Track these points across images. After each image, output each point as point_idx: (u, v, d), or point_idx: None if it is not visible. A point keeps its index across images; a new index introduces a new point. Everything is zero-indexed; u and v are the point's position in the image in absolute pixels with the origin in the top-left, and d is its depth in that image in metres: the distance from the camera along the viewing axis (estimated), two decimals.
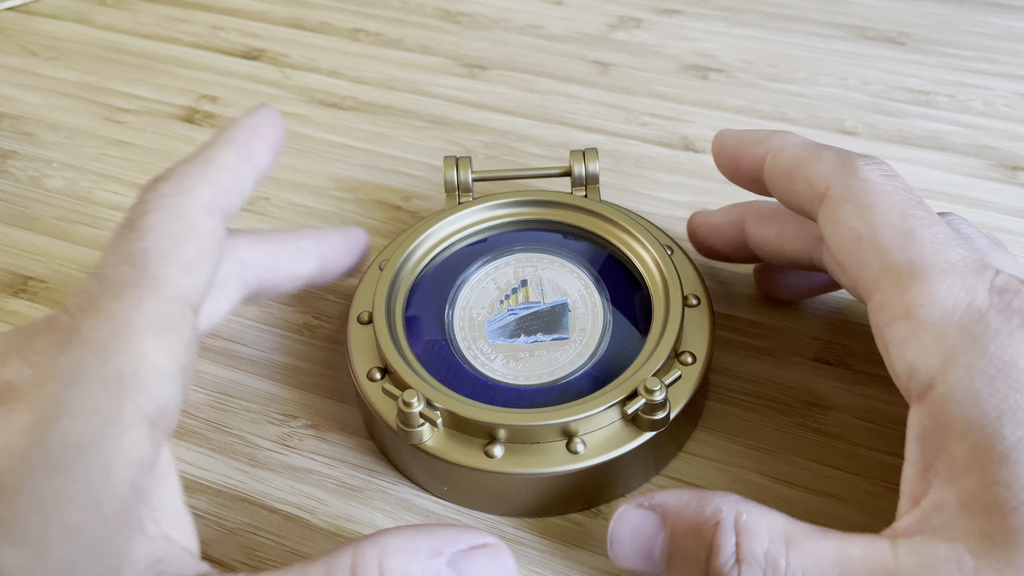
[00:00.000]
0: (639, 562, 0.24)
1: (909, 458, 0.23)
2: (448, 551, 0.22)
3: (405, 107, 0.44)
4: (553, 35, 0.49)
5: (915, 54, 0.46)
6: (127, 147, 0.43)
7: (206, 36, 0.50)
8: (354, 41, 0.49)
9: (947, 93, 0.43)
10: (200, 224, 0.23)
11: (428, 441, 0.27)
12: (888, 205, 0.24)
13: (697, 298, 0.30)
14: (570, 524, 0.27)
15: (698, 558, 0.22)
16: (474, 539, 0.23)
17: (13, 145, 0.43)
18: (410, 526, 0.22)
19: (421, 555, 0.22)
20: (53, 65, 0.48)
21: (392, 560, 0.21)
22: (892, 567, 0.21)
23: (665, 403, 0.26)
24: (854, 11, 0.49)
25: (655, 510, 0.24)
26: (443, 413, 0.26)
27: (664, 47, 0.47)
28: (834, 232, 0.25)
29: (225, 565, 0.27)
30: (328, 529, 0.27)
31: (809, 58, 0.46)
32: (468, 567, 0.22)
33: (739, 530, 0.22)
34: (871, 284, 0.24)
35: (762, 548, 0.22)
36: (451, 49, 0.48)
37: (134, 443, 0.20)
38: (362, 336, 0.29)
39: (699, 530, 0.23)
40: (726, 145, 0.29)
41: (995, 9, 0.49)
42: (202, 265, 0.23)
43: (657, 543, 0.24)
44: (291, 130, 0.43)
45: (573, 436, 0.26)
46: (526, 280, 0.31)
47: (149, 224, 0.23)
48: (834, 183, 0.25)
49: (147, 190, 0.24)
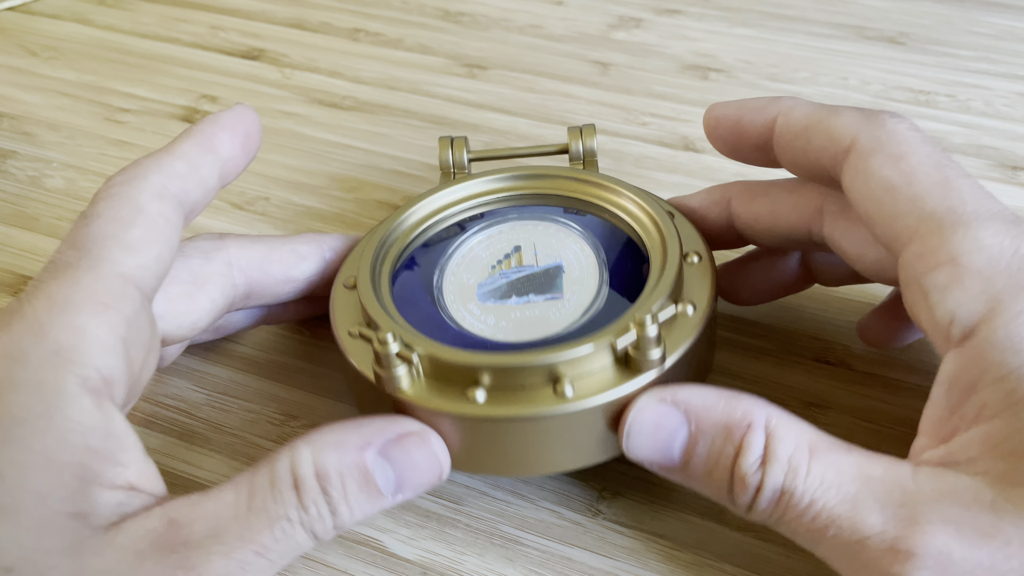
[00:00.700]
0: (656, 455, 0.24)
1: (935, 400, 0.23)
2: (377, 442, 0.23)
3: (405, 107, 0.44)
4: (553, 35, 0.49)
5: (915, 54, 0.46)
6: (127, 147, 0.43)
7: (206, 36, 0.50)
8: (354, 41, 0.49)
9: (947, 93, 0.43)
10: (148, 208, 0.24)
11: (407, 388, 0.25)
12: (921, 155, 0.24)
13: (699, 255, 0.28)
14: (570, 524, 0.27)
15: (724, 456, 0.23)
16: (401, 428, 0.24)
17: (13, 145, 0.43)
18: (341, 423, 0.24)
19: (352, 449, 0.23)
20: (53, 65, 0.48)
21: (325, 456, 0.23)
22: (911, 489, 0.21)
23: (659, 341, 0.24)
24: (854, 11, 0.49)
25: (678, 405, 0.23)
26: (423, 359, 0.25)
27: (664, 47, 0.47)
28: (863, 183, 0.24)
29: None
30: None
31: (809, 58, 0.46)
32: (398, 455, 0.24)
33: (769, 433, 0.22)
34: (905, 233, 0.23)
35: (787, 453, 0.22)
36: (451, 49, 0.48)
37: (81, 412, 0.22)
38: (346, 299, 0.28)
39: (729, 430, 0.23)
40: (725, 115, 0.28)
41: (995, 9, 0.49)
42: (149, 245, 0.24)
43: (678, 439, 0.23)
44: (291, 130, 0.43)
45: (560, 379, 0.24)
46: (520, 246, 0.30)
47: (97, 211, 0.24)
48: (861, 134, 0.24)
49: (104, 184, 0.25)
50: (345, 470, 0.23)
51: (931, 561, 0.20)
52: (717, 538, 0.27)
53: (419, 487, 0.24)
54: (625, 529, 0.27)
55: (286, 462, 0.23)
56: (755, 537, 0.27)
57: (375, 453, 0.23)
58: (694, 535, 0.27)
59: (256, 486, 0.22)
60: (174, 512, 0.22)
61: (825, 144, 0.25)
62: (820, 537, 0.22)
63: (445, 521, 0.28)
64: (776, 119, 0.27)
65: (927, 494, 0.21)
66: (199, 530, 0.22)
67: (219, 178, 0.27)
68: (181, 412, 0.31)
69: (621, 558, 0.26)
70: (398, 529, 0.27)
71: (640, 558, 0.26)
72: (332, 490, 0.23)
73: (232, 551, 0.22)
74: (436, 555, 0.27)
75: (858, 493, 0.21)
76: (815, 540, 0.22)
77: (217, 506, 0.22)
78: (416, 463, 0.24)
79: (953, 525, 0.20)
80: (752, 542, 0.27)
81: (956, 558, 0.20)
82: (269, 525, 0.22)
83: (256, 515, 0.22)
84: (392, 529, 0.27)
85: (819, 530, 0.22)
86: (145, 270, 0.24)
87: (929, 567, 0.20)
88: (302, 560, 0.27)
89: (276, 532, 0.22)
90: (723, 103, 0.28)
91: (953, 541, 0.20)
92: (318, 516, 0.22)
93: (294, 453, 0.23)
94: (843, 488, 0.21)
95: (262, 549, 0.22)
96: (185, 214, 0.26)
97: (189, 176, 0.26)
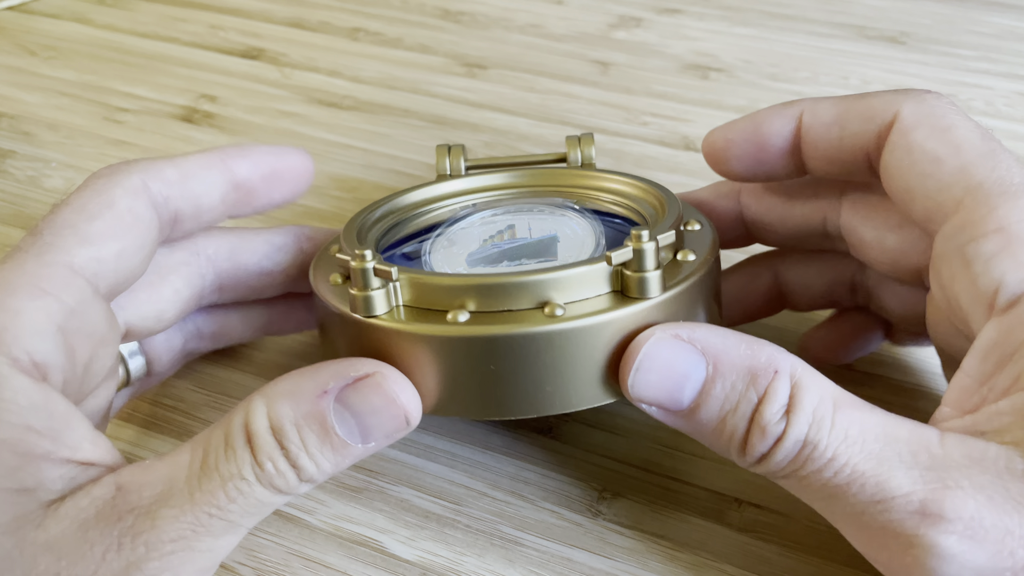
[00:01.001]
0: (663, 397, 0.22)
1: (966, 370, 0.22)
2: (333, 387, 0.22)
3: (405, 106, 0.44)
4: (553, 34, 0.49)
5: (916, 53, 0.46)
6: (126, 147, 0.42)
7: (205, 35, 0.50)
8: (354, 40, 0.49)
9: (948, 92, 0.43)
10: (118, 203, 0.24)
11: (384, 315, 0.23)
12: (966, 128, 0.23)
13: (699, 223, 0.27)
14: (570, 525, 0.27)
15: (746, 402, 0.22)
16: (357, 370, 0.23)
17: (12, 145, 0.43)
18: (296, 371, 0.23)
19: (306, 397, 0.22)
20: (52, 64, 0.48)
21: (279, 407, 0.22)
22: (939, 453, 0.21)
23: (656, 256, 0.23)
24: (855, 10, 0.49)
25: (696, 344, 0.22)
26: (402, 283, 0.23)
27: (665, 46, 0.47)
28: (905, 156, 0.24)
29: (224, 566, 0.26)
30: (327, 530, 0.27)
31: (810, 57, 0.46)
32: (354, 399, 0.22)
33: (795, 382, 0.21)
34: (950, 204, 0.23)
35: (812, 404, 0.21)
36: (451, 48, 0.48)
37: (15, 391, 0.21)
38: (326, 259, 0.27)
39: (753, 374, 0.22)
40: (736, 131, 0.27)
41: (996, 9, 0.49)
42: (108, 240, 0.23)
43: (692, 380, 0.22)
44: (290, 129, 0.43)
45: (550, 302, 0.23)
46: (514, 224, 0.29)
47: (68, 201, 0.24)
48: (904, 108, 0.24)
49: (89, 175, 0.25)
50: (301, 421, 0.22)
51: (961, 525, 0.20)
52: (718, 539, 0.27)
53: (388, 433, 0.23)
54: (625, 530, 0.27)
55: (240, 417, 0.22)
56: (756, 538, 0.27)
57: (331, 400, 0.22)
58: (695, 535, 0.27)
59: (210, 445, 0.22)
60: (123, 478, 0.21)
61: (863, 126, 0.25)
62: (839, 494, 0.21)
63: (445, 522, 0.28)
64: (800, 117, 0.26)
65: (956, 459, 0.20)
66: (148, 495, 0.21)
67: (223, 200, 0.26)
68: (181, 412, 0.31)
69: (621, 559, 0.26)
70: (398, 530, 0.27)
71: (640, 559, 0.26)
72: (289, 444, 0.22)
73: (182, 514, 0.21)
74: (436, 556, 0.27)
75: (883, 451, 0.21)
76: (831, 496, 0.21)
77: (170, 469, 0.22)
78: (375, 407, 0.23)
79: (984, 492, 0.20)
80: (752, 543, 0.27)
81: (987, 524, 0.20)
82: (222, 484, 0.21)
83: (208, 475, 0.21)
84: (392, 530, 0.27)
85: (840, 487, 0.21)
86: (100, 263, 0.23)
87: (959, 531, 0.20)
88: (301, 560, 0.27)
89: (230, 491, 0.21)
90: (722, 126, 0.27)
91: (984, 507, 0.20)
92: (276, 472, 0.22)
93: (249, 406, 0.22)
94: (868, 445, 0.21)
95: (216, 510, 0.21)
96: (166, 220, 0.25)
97: (177, 184, 0.25)
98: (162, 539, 0.21)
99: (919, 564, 0.20)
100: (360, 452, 0.23)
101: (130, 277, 0.25)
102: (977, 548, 0.20)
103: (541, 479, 0.29)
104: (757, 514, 0.27)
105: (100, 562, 0.21)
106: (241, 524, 0.22)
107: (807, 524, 0.27)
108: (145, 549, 0.21)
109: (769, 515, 0.27)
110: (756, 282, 0.30)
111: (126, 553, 0.21)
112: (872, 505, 0.21)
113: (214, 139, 0.43)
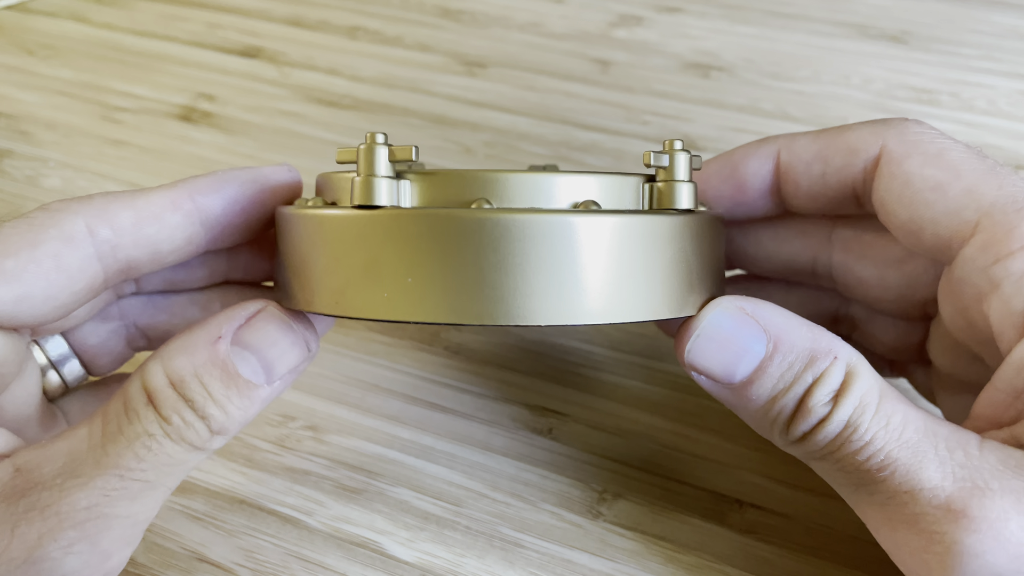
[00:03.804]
0: (718, 368, 0.22)
1: (998, 385, 0.22)
2: (227, 330, 0.22)
3: (404, 106, 0.44)
4: (553, 33, 0.48)
5: (918, 52, 0.46)
6: (124, 146, 0.42)
7: (203, 34, 0.50)
8: (352, 39, 0.49)
9: (950, 92, 0.43)
10: (43, 247, 0.22)
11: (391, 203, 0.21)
12: (957, 149, 0.23)
13: (707, 207, 0.25)
14: (570, 526, 0.27)
15: (801, 383, 0.21)
16: (247, 310, 0.22)
17: (9, 144, 0.43)
18: (187, 327, 0.22)
19: (201, 346, 0.22)
20: (50, 63, 0.48)
21: (175, 362, 0.21)
22: (975, 454, 0.21)
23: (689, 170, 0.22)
24: (856, 9, 0.49)
25: (759, 319, 0.22)
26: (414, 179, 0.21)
27: (665, 45, 0.47)
28: (904, 188, 0.23)
29: (223, 567, 0.26)
30: (326, 531, 0.27)
31: (811, 56, 0.46)
32: (251, 337, 0.22)
33: (850, 370, 0.21)
34: (965, 228, 0.22)
35: (861, 391, 0.21)
36: (451, 47, 0.48)
37: None
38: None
39: (813, 356, 0.22)
40: (715, 172, 0.26)
41: (998, 7, 0.48)
42: (12, 281, 0.22)
43: (750, 355, 0.22)
44: (289, 129, 0.43)
45: (579, 204, 0.21)
46: None
47: (3, 227, 0.22)
48: (888, 140, 0.24)
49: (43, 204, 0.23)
50: (201, 370, 0.21)
51: (985, 526, 0.20)
52: (719, 540, 0.27)
53: (292, 366, 0.23)
54: (626, 531, 0.27)
55: (137, 381, 0.22)
56: (757, 539, 0.27)
57: (227, 343, 0.22)
58: (695, 537, 0.27)
59: (109, 413, 0.21)
60: (21, 459, 0.21)
61: (847, 160, 0.24)
62: (870, 479, 0.21)
63: (444, 523, 0.27)
64: (777, 155, 0.25)
65: (991, 462, 0.20)
66: (49, 470, 0.21)
67: (189, 241, 0.24)
68: None
69: (622, 560, 0.26)
70: (397, 531, 0.27)
71: (641, 560, 0.26)
72: (192, 394, 0.21)
73: (90, 480, 0.21)
74: (435, 557, 0.27)
75: (921, 443, 0.21)
76: (862, 481, 0.21)
77: (69, 443, 0.21)
78: (274, 340, 0.22)
79: (1014, 496, 0.20)
80: (754, 544, 0.26)
81: (1013, 528, 0.20)
82: (128, 445, 0.21)
83: (111, 440, 0.21)
84: (391, 531, 0.27)
85: (872, 470, 0.21)
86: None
87: (983, 531, 0.20)
88: (299, 562, 0.26)
89: (138, 450, 0.21)
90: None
91: (1012, 511, 0.20)
92: (184, 424, 0.21)
93: (143, 369, 0.22)
94: (906, 435, 0.21)
95: (125, 471, 0.21)
96: (114, 269, 0.24)
97: (130, 231, 0.23)
98: (74, 507, 0.21)
99: (940, 561, 0.20)
100: (267, 394, 0.22)
101: (37, 319, 0.23)
102: (999, 550, 0.19)
103: (541, 480, 0.28)
104: (758, 515, 0.27)
105: (11, 537, 0.20)
106: (159, 483, 0.22)
107: (808, 525, 0.27)
108: (57, 519, 0.20)
109: (770, 516, 0.27)
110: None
111: (36, 525, 0.20)
112: (899, 495, 0.21)
113: (212, 138, 0.43)
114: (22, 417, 0.24)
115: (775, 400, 0.22)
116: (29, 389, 0.25)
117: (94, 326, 0.27)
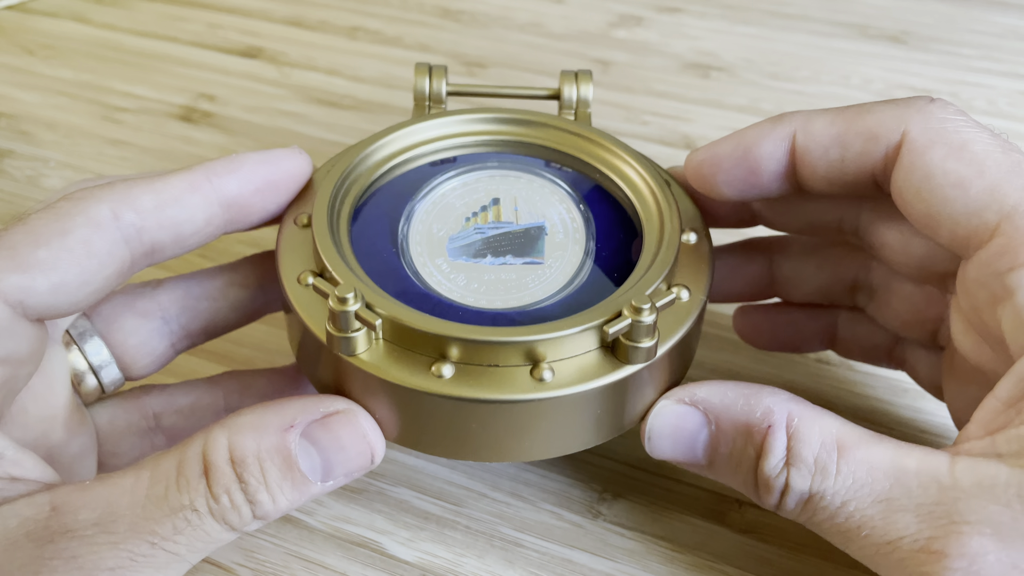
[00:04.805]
0: (680, 455, 0.23)
1: (998, 394, 0.22)
2: (300, 422, 0.22)
3: (404, 105, 0.44)
4: (553, 33, 0.48)
5: (917, 52, 0.46)
6: (124, 146, 0.42)
7: (204, 34, 0.50)
8: (353, 39, 0.49)
9: (950, 92, 0.43)
10: (73, 234, 0.22)
11: (363, 354, 0.22)
12: (983, 141, 0.22)
13: (696, 232, 0.25)
14: (570, 526, 0.27)
15: (746, 458, 0.22)
16: (327, 407, 0.22)
17: (10, 144, 0.43)
18: (262, 404, 0.22)
19: (271, 431, 0.21)
20: (50, 64, 0.48)
21: (241, 439, 0.21)
22: (948, 483, 0.20)
23: (654, 330, 0.22)
24: (856, 9, 0.49)
25: (698, 405, 0.23)
26: (385, 322, 0.22)
27: (665, 45, 0.47)
28: (924, 181, 0.22)
29: (223, 567, 0.26)
30: (326, 531, 0.27)
31: (811, 56, 0.46)
32: (322, 436, 0.22)
33: (791, 434, 0.21)
34: (983, 230, 0.21)
35: (813, 453, 0.21)
36: (451, 47, 0.48)
37: None
38: (297, 239, 0.25)
39: (749, 431, 0.22)
40: (724, 153, 0.25)
41: (998, 8, 0.48)
42: (48, 270, 0.22)
43: (700, 440, 0.23)
44: (289, 129, 0.43)
45: (539, 362, 0.22)
46: (499, 199, 0.27)
47: (28, 219, 0.22)
48: (912, 126, 0.22)
49: (66, 191, 0.23)
50: (264, 454, 0.21)
51: (964, 562, 0.20)
52: (718, 540, 0.27)
53: (350, 472, 0.22)
54: (626, 531, 0.27)
55: (198, 446, 0.21)
56: (757, 539, 0.27)
57: (298, 435, 0.21)
58: (695, 537, 0.27)
59: (160, 471, 0.21)
60: (60, 498, 0.20)
61: (868, 146, 0.23)
62: (852, 537, 0.21)
63: (445, 523, 0.27)
64: (793, 136, 0.24)
65: (965, 489, 0.20)
66: (85, 518, 0.20)
67: (209, 222, 0.24)
68: None
69: (622, 560, 0.26)
70: (397, 531, 0.27)
71: (641, 560, 0.26)
72: (249, 476, 0.21)
73: (122, 541, 0.20)
74: (436, 557, 0.27)
75: (891, 490, 0.21)
76: (846, 540, 0.22)
77: (111, 492, 0.21)
78: (344, 445, 0.22)
79: (990, 525, 0.20)
80: (754, 544, 0.26)
81: (991, 559, 0.20)
82: (169, 515, 0.20)
83: (155, 503, 0.20)
84: (391, 531, 0.27)
85: (851, 531, 0.21)
86: (30, 292, 0.22)
87: (962, 568, 0.20)
88: (300, 562, 0.26)
89: (178, 522, 0.20)
90: (708, 145, 0.26)
91: (989, 541, 0.20)
92: (231, 506, 0.21)
93: (208, 437, 0.21)
94: (876, 486, 0.21)
95: (159, 540, 0.20)
96: (140, 252, 0.24)
97: (152, 213, 0.23)
98: (99, 566, 0.20)
99: None
100: (318, 490, 0.22)
101: (73, 306, 0.23)
102: None
103: (541, 480, 0.28)
104: (758, 515, 0.27)
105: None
106: (185, 558, 0.21)
107: None
108: (80, 574, 0.20)
109: (770, 516, 0.27)
110: (748, 266, 0.29)
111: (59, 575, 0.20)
112: (883, 546, 0.21)
113: (213, 138, 0.43)
114: (47, 417, 0.24)
115: (736, 474, 0.22)
116: (54, 388, 0.24)
117: (135, 325, 0.26)
